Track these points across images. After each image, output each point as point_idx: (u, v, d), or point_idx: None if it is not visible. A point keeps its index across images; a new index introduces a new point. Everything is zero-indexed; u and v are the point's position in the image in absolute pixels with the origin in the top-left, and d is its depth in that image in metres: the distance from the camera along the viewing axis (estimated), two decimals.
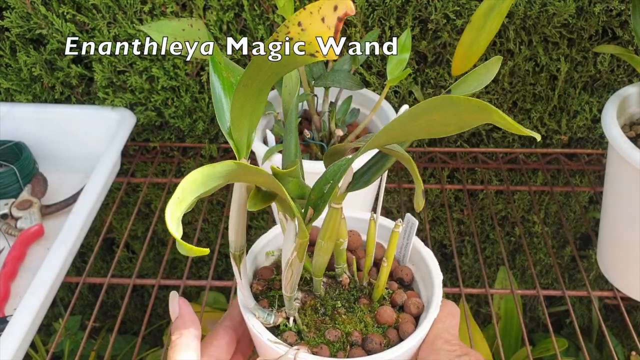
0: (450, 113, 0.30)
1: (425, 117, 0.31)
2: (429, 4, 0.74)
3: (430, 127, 0.31)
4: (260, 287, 0.49)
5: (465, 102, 0.29)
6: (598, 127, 0.86)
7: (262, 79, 0.31)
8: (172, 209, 0.27)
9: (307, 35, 0.28)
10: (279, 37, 0.29)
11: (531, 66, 0.80)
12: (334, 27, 0.27)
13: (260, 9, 0.75)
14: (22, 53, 0.80)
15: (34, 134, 0.83)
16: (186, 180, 0.28)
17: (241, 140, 0.35)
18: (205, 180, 0.30)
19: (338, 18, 0.27)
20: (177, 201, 0.28)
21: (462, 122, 0.30)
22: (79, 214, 0.68)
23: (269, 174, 0.33)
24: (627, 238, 0.67)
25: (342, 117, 0.70)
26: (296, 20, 0.28)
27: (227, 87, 0.37)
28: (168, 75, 0.81)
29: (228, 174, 0.31)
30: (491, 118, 0.29)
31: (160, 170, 0.93)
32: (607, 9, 0.75)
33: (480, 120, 0.30)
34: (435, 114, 0.31)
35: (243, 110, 0.33)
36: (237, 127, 0.34)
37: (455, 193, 0.94)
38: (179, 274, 1.07)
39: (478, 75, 0.43)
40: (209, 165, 0.30)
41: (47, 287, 0.61)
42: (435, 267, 0.50)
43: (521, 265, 1.02)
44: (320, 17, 0.27)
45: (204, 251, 0.28)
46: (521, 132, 0.28)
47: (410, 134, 0.33)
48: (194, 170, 0.29)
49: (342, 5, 0.27)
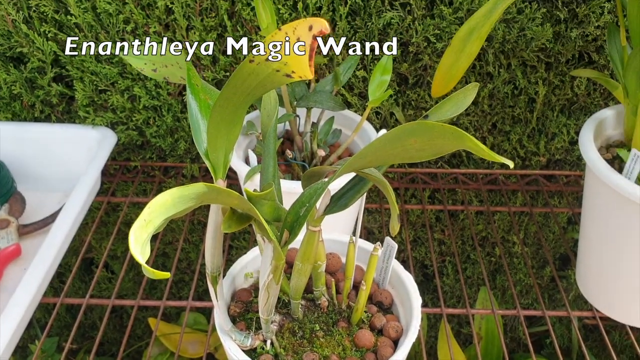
0: (425, 138, 0.30)
1: (400, 143, 0.31)
2: (410, 27, 0.75)
3: (405, 152, 0.32)
4: (238, 310, 0.49)
5: (439, 128, 0.29)
6: (576, 149, 0.87)
7: (239, 99, 0.32)
8: (136, 233, 0.27)
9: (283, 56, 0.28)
10: (256, 57, 0.29)
11: (510, 89, 0.81)
12: (309, 47, 0.27)
13: (243, 29, 0.76)
14: (2, 71, 0.80)
15: (13, 153, 0.82)
16: (154, 202, 0.28)
17: (218, 160, 0.35)
18: (175, 203, 0.30)
19: (313, 36, 0.27)
20: (143, 224, 0.28)
21: (436, 148, 0.31)
22: (58, 233, 0.67)
23: (242, 197, 0.33)
24: (605, 258, 0.68)
25: (324, 138, 0.70)
26: (271, 41, 0.28)
27: (204, 108, 0.37)
28: (150, 95, 0.81)
29: (199, 196, 0.31)
30: (465, 144, 0.29)
31: (141, 190, 0.93)
32: (583, 34, 0.76)
33: (454, 146, 0.30)
34: (410, 139, 0.31)
35: (219, 131, 0.33)
36: (213, 147, 0.35)
37: (436, 213, 0.95)
38: (159, 295, 1.06)
39: (456, 100, 0.44)
40: (179, 187, 0.30)
41: (23, 308, 0.60)
42: (415, 291, 0.50)
43: (502, 286, 1.03)
44: (295, 38, 0.28)
45: (165, 275, 0.28)
46: (494, 158, 0.29)
47: (385, 158, 0.34)
48: (163, 192, 0.29)
49: (317, 25, 0.27)
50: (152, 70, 0.45)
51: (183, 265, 1.03)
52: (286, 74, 0.29)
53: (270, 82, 0.30)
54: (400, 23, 0.75)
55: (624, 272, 0.66)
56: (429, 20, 0.74)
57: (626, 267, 0.65)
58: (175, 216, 0.31)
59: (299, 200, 0.38)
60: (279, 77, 0.29)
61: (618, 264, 0.66)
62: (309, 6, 0.73)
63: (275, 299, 0.44)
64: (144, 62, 0.45)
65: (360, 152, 0.33)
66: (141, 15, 0.74)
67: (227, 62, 0.78)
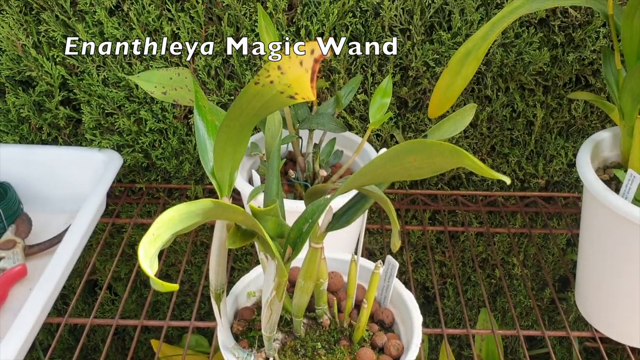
0: (424, 156, 0.31)
1: (400, 160, 0.32)
2: (409, 52, 0.77)
3: (405, 169, 0.33)
4: (241, 328, 0.50)
5: (437, 146, 0.31)
6: (574, 171, 0.88)
7: (244, 120, 0.33)
8: (145, 247, 0.28)
9: (286, 78, 0.29)
10: (260, 79, 0.30)
11: (508, 112, 0.83)
12: (311, 69, 0.29)
13: (247, 55, 0.78)
14: (11, 94, 0.82)
15: (20, 175, 0.84)
16: (162, 218, 0.29)
17: (223, 178, 0.36)
18: (182, 218, 0.31)
19: (315, 60, 0.28)
20: (152, 238, 0.29)
21: (435, 166, 0.32)
22: (63, 254, 0.68)
23: (247, 212, 0.34)
24: (604, 279, 0.68)
25: (326, 159, 0.71)
26: (276, 64, 0.29)
27: (211, 129, 0.39)
28: (156, 118, 0.83)
29: (205, 212, 0.32)
30: (463, 162, 0.31)
31: (145, 212, 0.94)
32: (580, 57, 0.78)
33: (452, 164, 0.31)
34: (409, 157, 0.32)
35: (225, 150, 0.35)
36: (219, 166, 0.36)
37: (436, 235, 0.96)
38: (162, 317, 1.06)
39: (454, 120, 0.45)
40: (186, 203, 0.31)
41: (28, 329, 0.60)
42: (416, 310, 0.51)
43: (502, 307, 1.03)
44: (298, 61, 0.29)
45: (174, 287, 0.29)
46: (491, 175, 0.30)
47: (386, 176, 0.35)
48: (170, 208, 0.30)
49: (318, 49, 0.28)
50: (162, 93, 0.46)
51: (185, 287, 1.03)
52: (290, 96, 0.30)
53: (275, 103, 0.31)
54: (400, 48, 0.77)
55: (622, 292, 0.67)
56: (428, 45, 0.76)
57: (625, 287, 0.66)
58: (183, 232, 0.32)
59: (302, 216, 0.39)
60: (282, 98, 0.30)
61: (617, 283, 0.67)
62: (312, 32, 0.75)
63: (277, 317, 0.45)
64: (154, 85, 0.47)
65: (362, 169, 0.34)
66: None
67: (231, 86, 0.79)
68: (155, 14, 0.75)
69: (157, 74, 0.48)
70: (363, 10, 0.75)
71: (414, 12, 0.74)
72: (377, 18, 0.75)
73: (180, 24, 0.75)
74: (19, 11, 0.76)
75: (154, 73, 0.48)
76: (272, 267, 0.41)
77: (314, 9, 0.74)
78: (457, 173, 0.89)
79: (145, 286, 1.04)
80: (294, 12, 0.75)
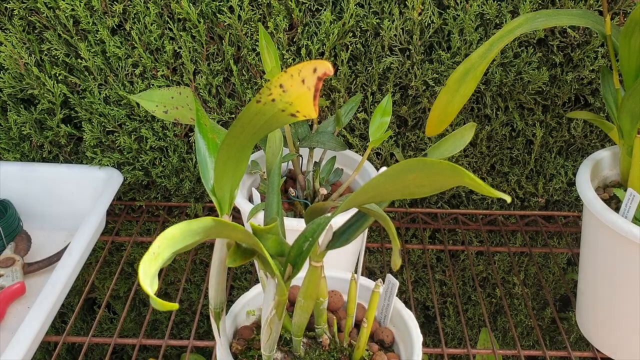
0: (424, 175, 0.32)
1: (401, 178, 0.32)
2: (409, 71, 0.78)
3: (405, 187, 0.33)
4: (240, 347, 0.50)
5: (437, 165, 0.31)
6: (574, 190, 0.88)
7: (245, 138, 0.33)
8: (145, 266, 0.28)
9: (288, 96, 0.30)
10: (262, 98, 0.30)
11: (508, 131, 0.83)
12: (313, 87, 0.29)
13: (248, 74, 0.78)
14: (12, 112, 0.82)
15: (20, 192, 0.84)
16: (163, 236, 0.29)
17: (224, 197, 0.36)
18: (183, 236, 0.31)
19: (318, 78, 0.29)
20: (152, 257, 0.29)
21: (435, 184, 0.32)
22: (62, 272, 0.68)
23: (247, 231, 0.34)
24: (605, 298, 0.68)
25: (326, 177, 0.72)
26: (278, 82, 0.30)
27: (211, 147, 0.39)
28: (157, 136, 0.83)
29: (206, 231, 0.32)
30: (462, 180, 0.31)
31: (145, 230, 0.94)
32: (578, 77, 0.79)
33: (452, 182, 0.31)
34: (410, 175, 0.32)
35: (226, 168, 0.35)
36: (220, 184, 0.36)
37: (437, 254, 0.95)
38: (160, 335, 1.06)
39: (454, 140, 0.45)
40: (186, 221, 0.31)
41: (25, 347, 0.60)
42: (415, 327, 0.51)
43: (503, 327, 1.02)
44: (300, 79, 0.29)
45: (174, 306, 0.28)
46: (491, 193, 0.30)
47: (386, 194, 0.35)
48: (171, 227, 0.30)
49: (321, 67, 0.29)
50: (164, 112, 0.46)
51: (184, 306, 1.03)
52: (291, 114, 0.30)
53: (276, 121, 0.31)
54: (399, 68, 0.77)
55: (623, 312, 0.66)
56: (428, 64, 0.77)
57: (626, 306, 0.66)
58: (183, 250, 0.32)
59: (302, 234, 0.39)
60: (284, 116, 0.30)
61: (617, 303, 0.67)
62: (312, 52, 0.75)
63: (277, 336, 0.45)
64: (155, 104, 0.47)
65: (362, 187, 0.35)
66: (150, 59, 0.77)
67: (232, 104, 0.80)
68: (157, 33, 0.75)
69: (158, 93, 0.49)
70: (363, 30, 0.76)
71: (414, 32, 0.75)
72: (377, 38, 0.76)
73: (182, 43, 0.76)
74: (22, 30, 0.77)
75: (155, 92, 0.49)
76: (272, 286, 0.41)
77: (315, 28, 0.75)
78: (457, 192, 0.89)
79: (144, 304, 1.03)
80: (295, 31, 0.76)
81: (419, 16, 0.74)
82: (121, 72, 0.79)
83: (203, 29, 0.75)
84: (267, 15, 0.74)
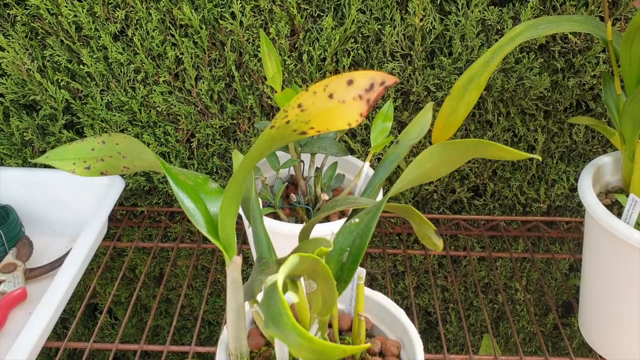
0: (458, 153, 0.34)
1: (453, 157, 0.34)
2: (410, 77, 0.78)
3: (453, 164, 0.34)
4: None
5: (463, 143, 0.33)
6: (576, 196, 0.88)
7: (250, 165, 0.32)
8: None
9: (307, 115, 0.28)
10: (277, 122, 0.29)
11: (509, 136, 0.83)
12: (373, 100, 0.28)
13: (250, 80, 0.78)
14: (15, 118, 0.82)
15: (22, 198, 0.84)
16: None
17: (229, 239, 0.34)
18: None
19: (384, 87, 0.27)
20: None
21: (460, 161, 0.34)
22: (64, 278, 0.68)
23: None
24: (607, 304, 0.68)
25: (328, 182, 0.72)
26: (296, 102, 0.28)
27: (187, 190, 0.36)
28: (158, 142, 0.83)
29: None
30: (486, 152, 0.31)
31: (146, 235, 0.94)
32: (580, 83, 0.79)
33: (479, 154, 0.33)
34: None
35: (230, 208, 0.33)
36: (224, 225, 0.34)
37: (438, 259, 0.95)
38: (162, 341, 1.06)
39: (418, 123, 0.48)
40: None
41: (27, 353, 0.60)
42: (416, 335, 0.51)
43: (505, 333, 1.02)
44: (327, 95, 0.28)
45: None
46: (520, 156, 0.31)
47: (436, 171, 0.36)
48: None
49: (379, 79, 0.28)
50: (85, 169, 0.40)
51: (186, 312, 1.03)
52: (302, 132, 0.29)
53: (283, 141, 0.30)
54: (401, 73, 0.78)
55: (626, 317, 0.66)
56: (429, 70, 0.77)
57: (628, 312, 0.65)
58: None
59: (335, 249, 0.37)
60: (294, 136, 0.29)
61: (620, 309, 0.66)
62: (314, 58, 0.76)
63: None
64: (71, 162, 0.40)
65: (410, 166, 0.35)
66: (152, 65, 0.77)
67: (234, 110, 0.80)
68: (159, 39, 0.76)
69: (72, 149, 0.40)
70: (365, 36, 0.76)
71: (415, 37, 0.75)
72: (379, 44, 0.76)
73: (184, 49, 0.76)
74: (25, 36, 0.77)
75: (68, 148, 0.41)
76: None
77: (316, 34, 0.75)
78: (459, 197, 0.89)
79: (146, 310, 1.03)
80: (297, 37, 0.76)
81: (421, 22, 0.74)
82: (123, 78, 0.79)
83: (205, 35, 0.75)
84: (269, 22, 0.75)
